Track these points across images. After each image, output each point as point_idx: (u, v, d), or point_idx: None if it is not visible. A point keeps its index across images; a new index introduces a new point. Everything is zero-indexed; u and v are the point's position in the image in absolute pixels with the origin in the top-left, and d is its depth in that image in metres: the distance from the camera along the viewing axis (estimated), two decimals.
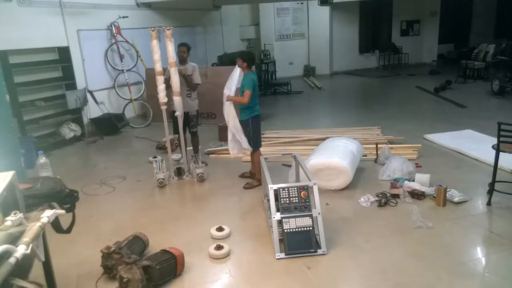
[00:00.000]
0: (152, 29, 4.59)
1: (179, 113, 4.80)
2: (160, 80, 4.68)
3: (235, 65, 4.46)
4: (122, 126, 7.65)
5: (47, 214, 1.90)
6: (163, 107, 4.78)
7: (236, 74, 4.44)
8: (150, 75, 7.48)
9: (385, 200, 3.92)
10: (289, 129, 6.89)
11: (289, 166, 4.96)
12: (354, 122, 7.22)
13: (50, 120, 6.83)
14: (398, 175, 4.51)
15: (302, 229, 3.14)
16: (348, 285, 2.85)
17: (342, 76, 13.79)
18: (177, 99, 4.76)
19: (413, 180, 4.33)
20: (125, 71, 8.20)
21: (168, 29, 4.59)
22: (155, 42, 4.58)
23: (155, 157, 5.05)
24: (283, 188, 3.27)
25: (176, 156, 5.16)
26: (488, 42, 11.73)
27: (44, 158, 4.93)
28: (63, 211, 2.15)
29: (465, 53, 12.58)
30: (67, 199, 2.46)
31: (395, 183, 4.28)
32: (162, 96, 4.72)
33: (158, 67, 4.62)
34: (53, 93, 6.93)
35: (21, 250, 1.51)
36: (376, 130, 6.51)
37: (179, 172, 4.95)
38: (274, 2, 12.85)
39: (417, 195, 4.01)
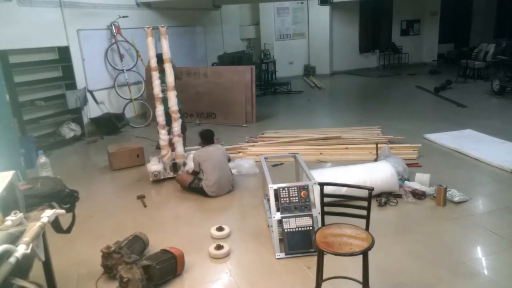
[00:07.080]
0: (148, 26, 4.75)
1: (173, 108, 4.87)
2: (155, 75, 4.81)
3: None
4: (122, 125, 7.64)
5: (47, 214, 1.90)
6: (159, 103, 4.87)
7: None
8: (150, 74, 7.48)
9: (385, 200, 3.93)
10: (289, 128, 6.89)
11: (281, 164, 5.05)
12: (354, 122, 7.21)
13: (50, 120, 6.82)
14: None
15: (302, 228, 3.14)
16: (348, 285, 2.85)
17: (342, 75, 13.78)
18: (171, 94, 4.85)
19: (407, 179, 4.34)
20: (125, 70, 8.19)
21: (162, 27, 4.72)
22: (150, 39, 4.75)
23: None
24: (283, 188, 3.27)
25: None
26: (488, 41, 11.71)
27: (44, 158, 4.93)
28: (63, 211, 2.15)
29: (465, 53, 12.56)
30: (67, 199, 2.47)
31: None
32: (157, 91, 4.82)
33: (153, 62, 4.79)
34: (53, 93, 6.93)
35: (21, 250, 1.51)
36: (376, 130, 6.50)
37: (175, 168, 4.97)
38: (274, 2, 12.84)
39: (417, 195, 4.01)
